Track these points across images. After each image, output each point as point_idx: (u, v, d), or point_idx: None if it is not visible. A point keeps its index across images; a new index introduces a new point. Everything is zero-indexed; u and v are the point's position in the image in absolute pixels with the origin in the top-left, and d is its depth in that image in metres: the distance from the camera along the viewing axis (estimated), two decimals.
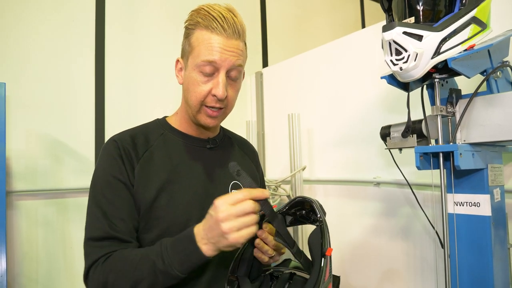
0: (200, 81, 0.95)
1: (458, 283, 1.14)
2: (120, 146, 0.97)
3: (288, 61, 2.58)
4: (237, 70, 0.97)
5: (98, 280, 0.86)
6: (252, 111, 2.85)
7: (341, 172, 2.12)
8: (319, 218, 0.86)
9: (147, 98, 2.40)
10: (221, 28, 0.93)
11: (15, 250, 1.93)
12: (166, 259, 0.82)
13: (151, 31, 2.47)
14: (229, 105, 1.01)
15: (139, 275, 0.83)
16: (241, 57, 0.97)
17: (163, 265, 0.82)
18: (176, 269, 0.81)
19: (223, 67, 0.94)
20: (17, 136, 1.99)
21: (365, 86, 1.98)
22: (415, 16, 1.04)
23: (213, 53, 0.92)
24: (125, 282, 0.84)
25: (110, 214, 0.91)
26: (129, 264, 0.85)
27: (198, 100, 0.97)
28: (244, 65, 1.00)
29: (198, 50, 0.94)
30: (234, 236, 0.76)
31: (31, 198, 2.01)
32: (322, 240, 0.84)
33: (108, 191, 0.94)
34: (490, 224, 1.10)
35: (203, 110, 0.98)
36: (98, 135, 2.22)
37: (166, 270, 0.82)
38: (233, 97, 1.00)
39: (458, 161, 1.04)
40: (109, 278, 0.85)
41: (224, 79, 0.95)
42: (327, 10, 3.60)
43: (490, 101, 1.07)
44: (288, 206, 0.92)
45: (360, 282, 1.96)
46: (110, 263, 0.87)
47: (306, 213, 0.93)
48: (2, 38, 1.99)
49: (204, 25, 0.94)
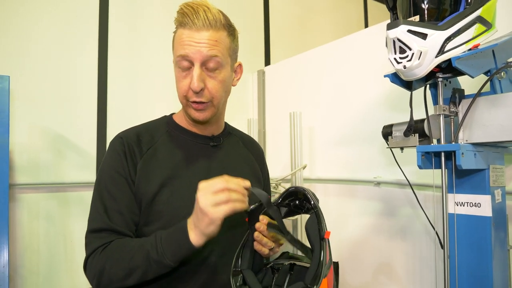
0: (180, 77, 0.99)
1: (457, 284, 1.14)
2: (125, 143, 1.00)
3: (290, 59, 2.58)
4: (213, 61, 0.97)
5: (96, 267, 0.91)
6: (254, 109, 2.85)
7: (341, 171, 2.12)
8: (313, 205, 0.89)
9: (149, 94, 2.41)
10: (191, 22, 0.95)
11: (17, 242, 1.94)
12: (160, 249, 0.87)
13: (154, 28, 2.47)
14: (214, 97, 1.00)
15: (134, 263, 0.88)
16: (215, 47, 0.96)
17: (157, 255, 0.86)
18: (168, 258, 0.86)
19: (196, 60, 0.96)
20: (20, 129, 1.99)
21: (367, 85, 1.98)
22: (419, 14, 1.04)
23: (184, 47, 0.95)
24: (121, 269, 0.89)
25: (110, 207, 0.96)
26: (126, 253, 0.90)
27: (182, 95, 1.00)
28: (223, 55, 0.99)
29: (175, 47, 0.99)
30: (211, 211, 0.81)
31: (33, 192, 2.02)
32: (319, 225, 0.87)
33: (111, 186, 0.97)
34: (490, 225, 1.10)
35: (189, 105, 1.00)
36: (100, 130, 2.23)
37: (159, 260, 0.86)
38: (215, 89, 0.99)
39: (460, 160, 1.04)
40: (106, 265, 0.90)
41: (199, 72, 0.96)
42: (330, 9, 3.60)
43: (493, 102, 1.07)
44: (282, 197, 0.94)
45: (359, 282, 1.96)
46: (107, 252, 0.91)
47: (299, 203, 0.94)
48: (7, 32, 2.00)
49: (179, 22, 0.98)
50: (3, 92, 1.66)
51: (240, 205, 0.84)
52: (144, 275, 0.89)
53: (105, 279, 0.90)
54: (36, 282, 1.98)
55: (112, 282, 0.90)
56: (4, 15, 2.00)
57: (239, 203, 0.84)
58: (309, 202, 0.90)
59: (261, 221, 0.94)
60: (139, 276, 0.89)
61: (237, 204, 0.84)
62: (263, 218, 0.94)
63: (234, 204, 0.83)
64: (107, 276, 0.90)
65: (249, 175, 1.11)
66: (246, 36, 2.94)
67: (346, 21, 3.72)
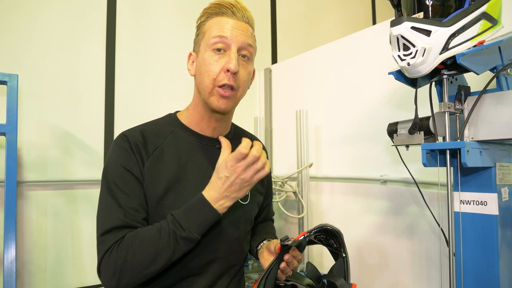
0: (213, 60, 0.97)
1: (463, 282, 1.13)
2: (131, 142, 0.98)
3: (297, 57, 2.58)
4: (248, 50, 0.99)
5: (115, 263, 0.87)
6: (261, 107, 2.86)
7: (347, 169, 2.11)
8: (344, 251, 0.98)
9: (157, 92, 2.42)
10: (230, 12, 0.98)
11: (25, 239, 1.97)
12: (185, 226, 0.88)
13: (161, 25, 2.48)
14: (241, 87, 1.00)
15: (160, 245, 0.88)
16: (251, 38, 1.00)
17: (184, 232, 0.88)
18: (195, 232, 0.89)
19: (234, 43, 0.97)
20: (28, 127, 2.01)
21: (373, 83, 1.97)
22: (424, 11, 1.04)
23: (224, 30, 0.97)
24: (145, 255, 0.88)
25: (124, 204, 0.93)
26: (147, 238, 0.89)
27: (210, 79, 0.97)
28: (254, 49, 1.03)
29: (209, 32, 0.99)
30: (253, 179, 0.92)
31: (41, 189, 2.04)
32: (346, 274, 0.96)
33: (120, 182, 0.95)
34: (497, 224, 1.09)
35: (215, 91, 0.98)
36: (107, 128, 2.24)
37: (187, 236, 0.88)
38: (244, 79, 1.00)
39: (465, 158, 1.03)
40: (127, 256, 0.87)
41: (236, 54, 0.97)
42: (337, 7, 3.58)
43: (499, 99, 1.06)
44: (314, 232, 0.99)
45: (365, 279, 1.96)
46: (125, 243, 0.89)
47: (325, 238, 1.02)
48: (15, 31, 2.02)
49: (215, 12, 1.00)
50: (11, 90, 1.68)
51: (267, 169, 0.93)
52: (172, 256, 0.89)
53: (127, 272, 0.87)
54: (43, 278, 2.01)
55: (134, 273, 0.88)
56: (12, 14, 2.02)
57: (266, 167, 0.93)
58: (341, 246, 0.99)
59: (290, 253, 0.97)
60: (167, 258, 0.88)
61: (266, 168, 0.93)
62: (293, 249, 0.98)
63: (265, 170, 0.92)
64: (129, 268, 0.87)
65: None
66: None
67: (354, 19, 3.69)
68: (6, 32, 2.00)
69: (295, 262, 0.99)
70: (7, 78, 1.68)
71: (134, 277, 0.88)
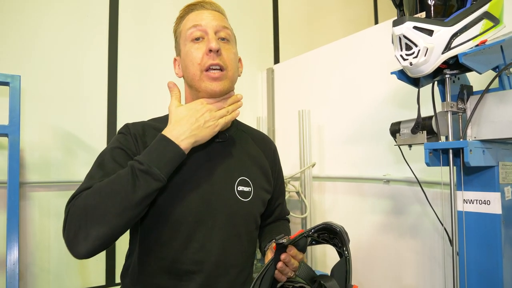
0: (194, 49, 0.99)
1: (467, 281, 1.13)
2: (131, 131, 1.01)
3: (299, 57, 2.58)
4: (225, 32, 1.02)
5: (78, 207, 0.84)
6: (263, 107, 2.86)
7: (350, 169, 2.11)
8: (347, 249, 0.92)
9: (159, 93, 2.42)
10: (200, 5, 1.04)
11: (28, 240, 1.97)
12: (143, 160, 0.85)
13: (163, 27, 2.48)
14: (229, 65, 1.00)
15: (118, 185, 0.83)
16: (225, 22, 1.04)
17: (142, 165, 0.84)
18: (155, 165, 0.85)
19: (210, 28, 1.00)
20: (31, 128, 2.02)
21: (376, 83, 1.97)
22: (426, 11, 1.03)
23: (197, 19, 1.01)
24: (104, 197, 0.83)
25: (112, 172, 0.89)
26: (105, 182, 0.85)
27: (195, 65, 0.98)
28: (231, 31, 1.06)
29: (185, 27, 1.03)
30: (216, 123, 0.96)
31: (44, 190, 2.04)
32: (347, 274, 0.90)
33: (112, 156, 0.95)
34: (500, 223, 1.09)
35: (204, 76, 0.98)
36: (110, 128, 2.25)
37: (146, 169, 0.84)
38: (230, 58, 1.01)
39: (468, 157, 1.03)
40: (87, 202, 0.83)
41: (214, 36, 0.99)
42: (339, 7, 3.57)
43: (502, 98, 1.05)
44: (313, 230, 0.94)
45: (369, 279, 1.95)
46: (84, 193, 0.86)
47: (328, 236, 0.96)
48: (17, 32, 2.03)
49: (186, 12, 1.05)
50: (14, 91, 1.69)
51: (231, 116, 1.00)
52: (132, 193, 0.82)
53: (90, 221, 0.81)
54: (46, 279, 2.01)
55: (97, 221, 0.81)
56: (15, 15, 2.03)
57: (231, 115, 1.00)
58: (344, 245, 0.92)
59: (288, 252, 0.91)
60: (128, 199, 0.82)
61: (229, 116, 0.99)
62: (291, 249, 0.92)
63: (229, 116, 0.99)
64: (90, 216, 0.81)
65: (256, 173, 1.10)
66: (255, 34, 2.94)
67: (356, 18, 3.69)
68: (8, 34, 2.00)
69: (295, 262, 0.92)
70: (10, 79, 1.69)
71: (99, 227, 0.81)
